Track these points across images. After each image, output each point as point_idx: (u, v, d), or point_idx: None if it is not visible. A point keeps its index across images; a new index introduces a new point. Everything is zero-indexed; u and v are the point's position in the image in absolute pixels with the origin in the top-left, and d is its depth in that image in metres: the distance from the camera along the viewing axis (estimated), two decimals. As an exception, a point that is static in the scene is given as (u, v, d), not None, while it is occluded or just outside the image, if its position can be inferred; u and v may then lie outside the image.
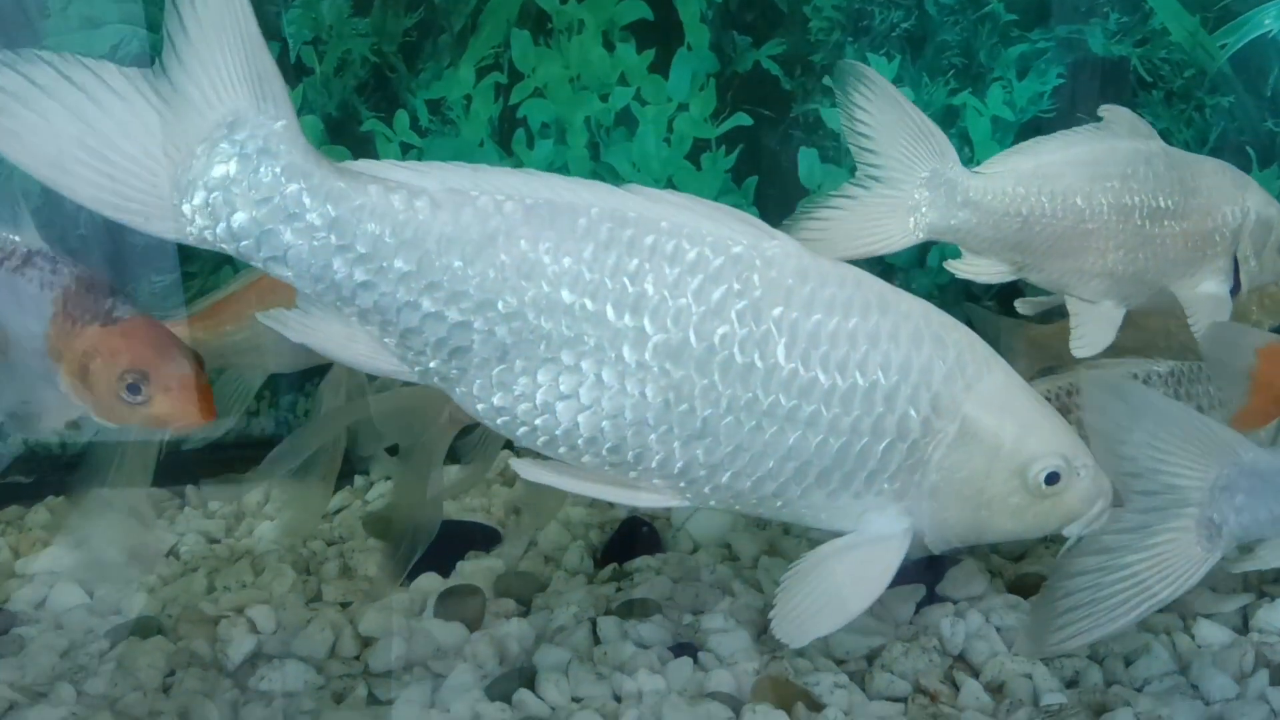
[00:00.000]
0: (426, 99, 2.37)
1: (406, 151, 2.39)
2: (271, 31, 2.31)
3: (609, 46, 2.39)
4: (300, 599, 1.86)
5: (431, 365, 1.28)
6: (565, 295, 1.26)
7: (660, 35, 2.39)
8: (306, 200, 1.21)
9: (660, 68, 2.40)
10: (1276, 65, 2.36)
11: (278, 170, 1.20)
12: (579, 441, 1.30)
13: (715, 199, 2.42)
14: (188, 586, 1.93)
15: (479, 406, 1.30)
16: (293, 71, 2.33)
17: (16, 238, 1.57)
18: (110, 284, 1.60)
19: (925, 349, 1.33)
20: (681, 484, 1.33)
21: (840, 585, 1.36)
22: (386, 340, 1.27)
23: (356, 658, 1.71)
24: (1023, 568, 1.85)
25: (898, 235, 1.76)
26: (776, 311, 1.30)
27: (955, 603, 1.74)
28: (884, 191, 1.74)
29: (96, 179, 1.17)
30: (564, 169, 2.43)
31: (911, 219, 1.75)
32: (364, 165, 1.25)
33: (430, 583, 1.88)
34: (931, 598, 1.76)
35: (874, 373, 1.32)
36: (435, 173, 1.26)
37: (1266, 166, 2.39)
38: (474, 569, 1.94)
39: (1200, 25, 2.35)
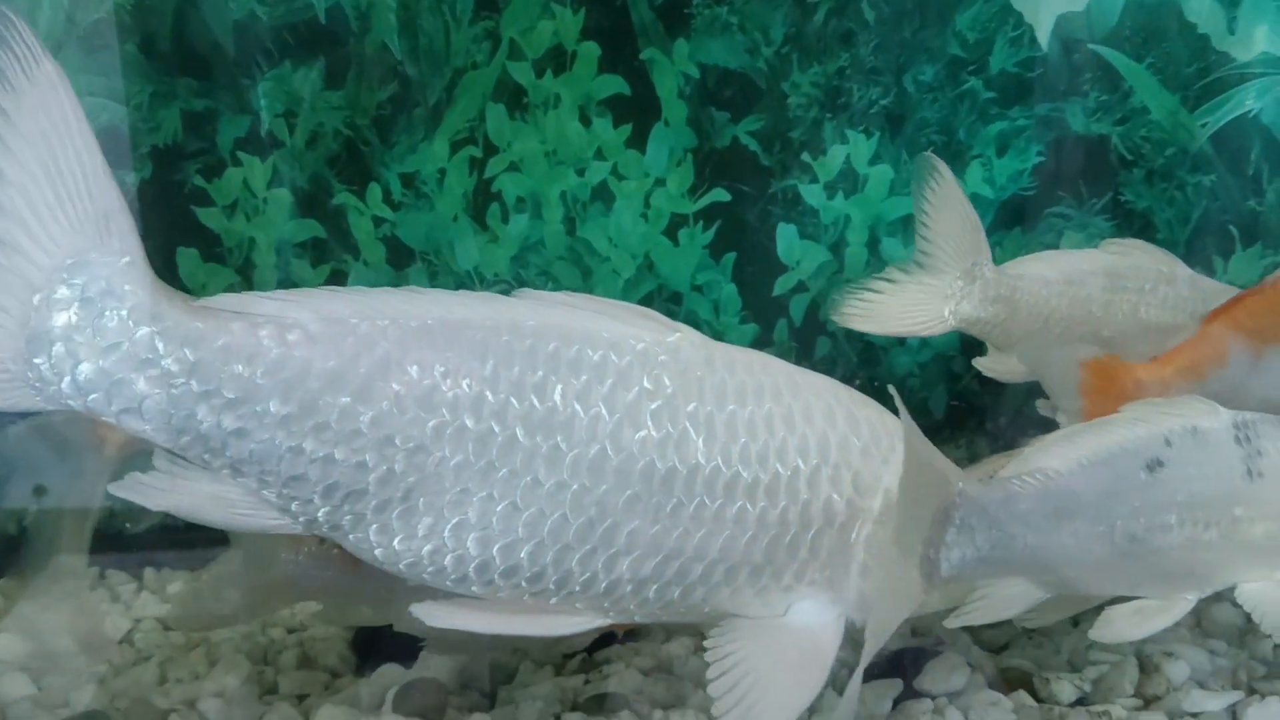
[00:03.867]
0: (400, 172, 2.34)
1: (379, 225, 2.35)
2: (244, 104, 2.29)
3: (585, 121, 2.37)
4: (255, 691, 1.78)
5: (321, 515, 1.19)
6: (469, 421, 1.17)
7: (637, 110, 2.37)
8: (160, 344, 1.10)
9: (637, 143, 2.38)
10: (1258, 144, 2.34)
11: (124, 313, 1.09)
12: (494, 576, 1.21)
13: (693, 275, 2.45)
14: (139, 677, 1.85)
15: (377, 552, 1.21)
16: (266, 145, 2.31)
17: None
18: None
19: (840, 426, 1.30)
20: (606, 603, 1.26)
21: (780, 684, 1.29)
22: (266, 493, 1.17)
23: (310, 756, 1.64)
24: (1004, 660, 1.79)
25: (934, 321, 1.90)
26: (691, 407, 1.25)
27: (934, 699, 1.67)
28: (925, 279, 1.90)
29: None
30: (540, 244, 2.40)
31: (947, 307, 1.89)
32: (225, 300, 1.16)
33: (392, 674, 1.81)
34: (909, 693, 1.69)
35: (794, 459, 1.28)
36: (308, 301, 1.17)
37: (1249, 245, 2.37)
38: (438, 659, 1.87)
39: (1180, 104, 2.34)
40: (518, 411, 1.18)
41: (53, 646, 1.94)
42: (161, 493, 1.16)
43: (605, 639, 1.92)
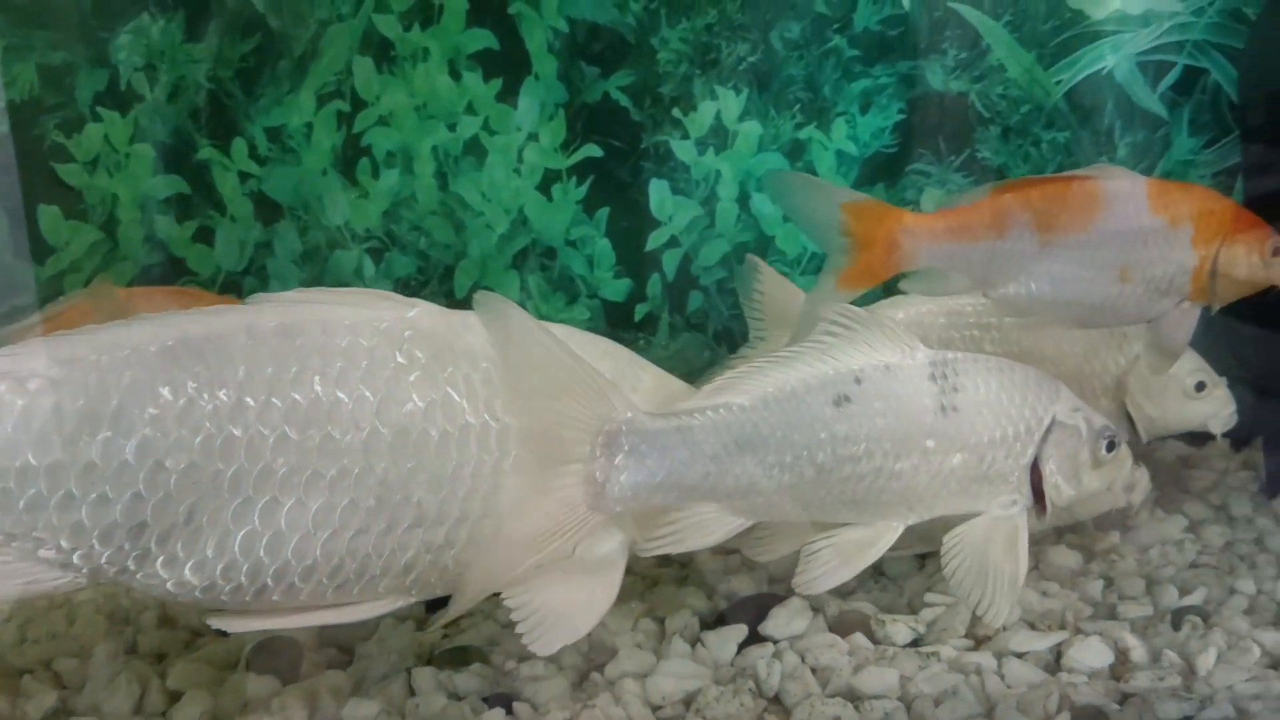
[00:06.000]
0: (265, 126, 2.32)
1: (245, 180, 2.33)
2: (103, 58, 2.24)
3: (455, 75, 2.36)
4: (112, 650, 1.79)
5: (104, 560, 1.18)
6: (235, 429, 1.18)
7: (507, 64, 2.37)
8: None
9: (508, 97, 2.38)
10: (1111, 100, 2.41)
11: None
12: (294, 579, 1.23)
13: (567, 230, 2.46)
14: (-4, 638, 1.85)
15: (169, 585, 1.20)
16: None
17: None
18: None
19: (602, 367, 1.37)
20: (408, 581, 1.29)
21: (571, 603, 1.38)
22: (44, 553, 1.16)
23: (163, 714, 1.65)
24: (849, 604, 1.85)
25: None
26: (448, 372, 1.28)
27: (775, 642, 1.73)
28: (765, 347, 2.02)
29: None
30: (412, 199, 2.40)
31: None
32: None
33: (254, 633, 1.82)
34: (753, 638, 1.75)
35: None
36: (40, 350, 1.16)
37: (1102, 200, 2.43)
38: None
39: (1036, 61, 2.39)
40: (281, 410, 1.20)
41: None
42: None
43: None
